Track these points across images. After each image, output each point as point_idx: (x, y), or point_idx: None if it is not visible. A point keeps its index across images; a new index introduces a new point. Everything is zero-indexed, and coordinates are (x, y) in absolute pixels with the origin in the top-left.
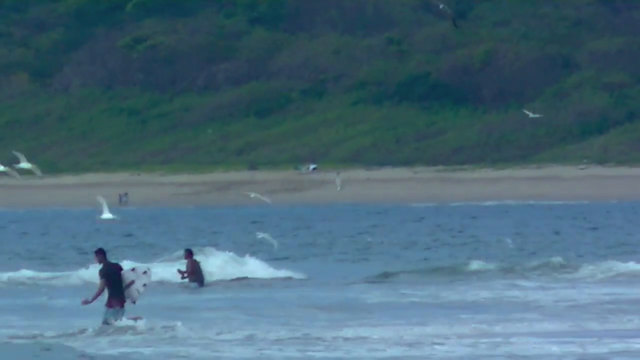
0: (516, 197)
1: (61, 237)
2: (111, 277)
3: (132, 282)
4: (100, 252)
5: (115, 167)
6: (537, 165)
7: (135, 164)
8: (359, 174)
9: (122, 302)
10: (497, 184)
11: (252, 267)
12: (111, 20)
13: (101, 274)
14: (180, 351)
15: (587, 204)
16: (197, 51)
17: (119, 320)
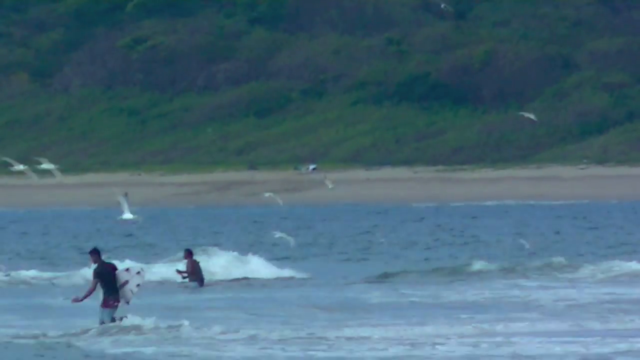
0: (516, 197)
1: (61, 237)
2: (105, 277)
3: (126, 282)
4: (95, 252)
5: (115, 167)
6: (537, 165)
7: (135, 164)
8: (359, 174)
9: (117, 302)
10: (497, 184)
11: (256, 266)
12: (111, 20)
13: (94, 274)
14: (183, 351)
15: (587, 203)
16: (197, 51)
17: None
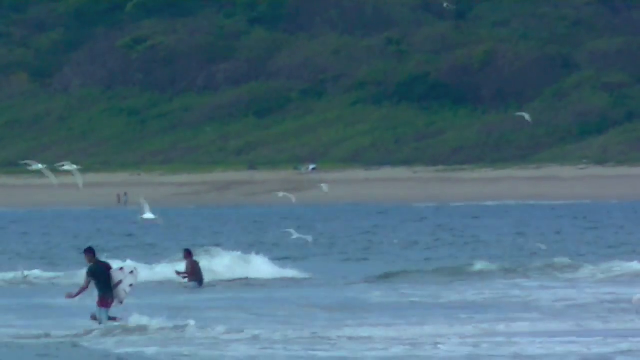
0: (516, 197)
1: (62, 237)
2: (100, 276)
3: (120, 281)
4: (89, 251)
5: (115, 167)
6: (537, 165)
7: (135, 164)
8: (359, 173)
9: (112, 302)
10: (496, 184)
11: (259, 266)
12: (111, 20)
13: (88, 273)
14: (186, 351)
15: (587, 203)
16: (197, 51)
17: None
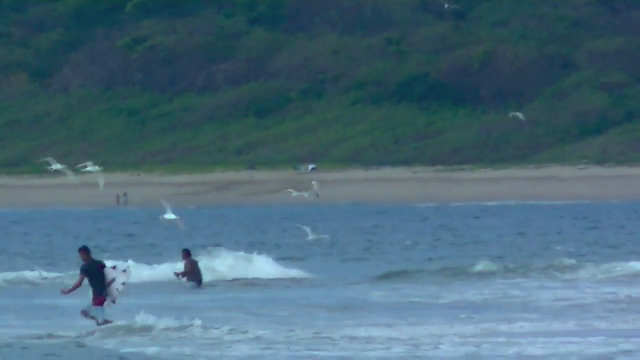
0: (515, 197)
1: (62, 237)
2: (93, 274)
3: (113, 280)
4: (84, 250)
5: (114, 167)
6: (536, 165)
7: (134, 164)
8: (358, 173)
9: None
10: (496, 184)
11: (262, 266)
12: (110, 20)
13: (81, 270)
14: (187, 350)
15: (587, 203)
16: (197, 51)
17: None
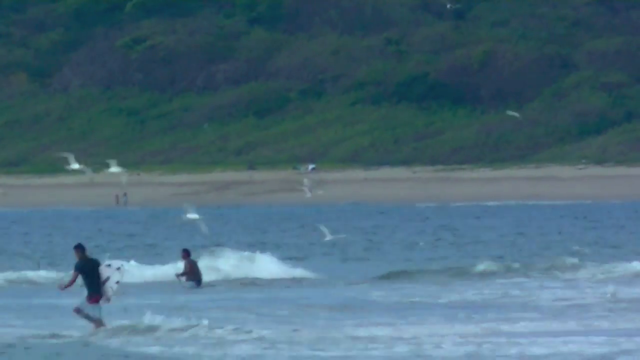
0: (515, 197)
1: (63, 237)
2: (87, 272)
3: (107, 278)
4: (79, 248)
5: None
6: (536, 165)
7: (134, 164)
8: (358, 174)
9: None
10: (495, 184)
11: (266, 266)
12: (110, 20)
13: (75, 268)
14: (190, 350)
15: (586, 203)
16: (196, 51)
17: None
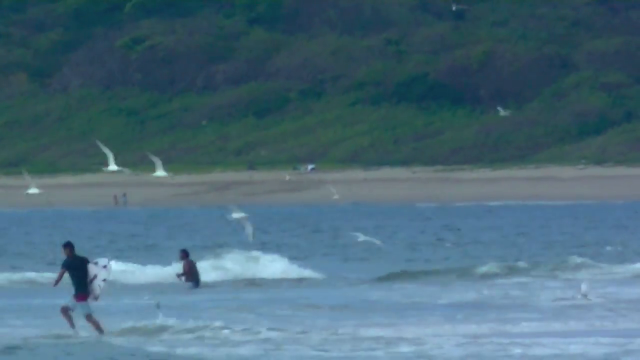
0: (514, 198)
1: (62, 237)
2: (74, 270)
3: (95, 276)
4: (68, 245)
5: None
6: (535, 165)
7: (134, 164)
8: (357, 174)
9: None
10: (495, 184)
11: (274, 265)
12: (110, 20)
13: (63, 265)
14: (192, 350)
15: (586, 203)
16: (196, 51)
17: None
